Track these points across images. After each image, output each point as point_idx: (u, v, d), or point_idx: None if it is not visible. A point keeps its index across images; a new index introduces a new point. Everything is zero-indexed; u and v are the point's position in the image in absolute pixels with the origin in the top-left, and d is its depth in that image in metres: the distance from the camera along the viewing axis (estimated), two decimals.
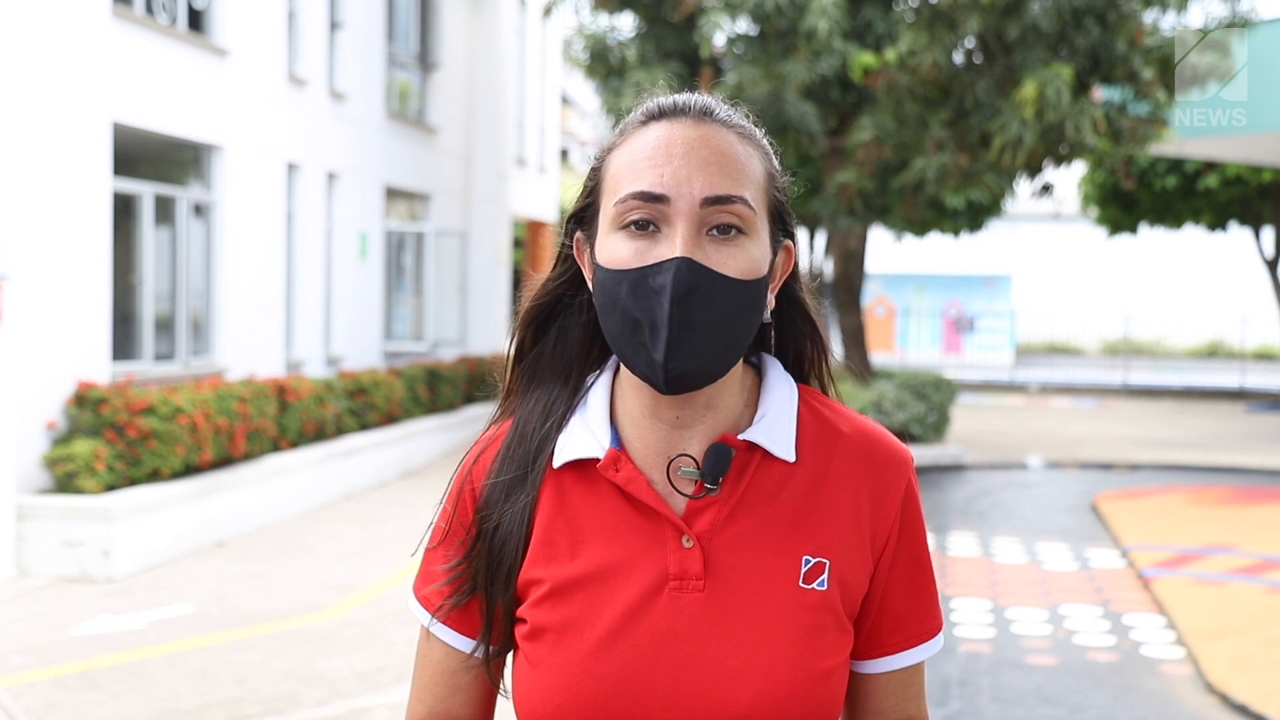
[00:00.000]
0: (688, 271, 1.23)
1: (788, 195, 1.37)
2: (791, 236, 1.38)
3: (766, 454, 1.33)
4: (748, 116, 1.37)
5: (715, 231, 1.26)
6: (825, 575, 1.31)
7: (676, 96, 1.33)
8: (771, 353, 1.42)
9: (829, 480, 1.34)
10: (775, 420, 1.34)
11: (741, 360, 1.37)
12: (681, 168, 1.26)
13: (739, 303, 1.26)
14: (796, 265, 1.39)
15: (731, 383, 1.34)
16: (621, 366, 1.36)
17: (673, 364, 1.24)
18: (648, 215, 1.26)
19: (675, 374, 1.25)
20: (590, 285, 1.34)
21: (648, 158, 1.28)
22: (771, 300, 1.34)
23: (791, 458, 1.33)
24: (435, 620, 1.39)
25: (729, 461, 1.31)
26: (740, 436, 1.32)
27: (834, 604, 1.31)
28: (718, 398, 1.33)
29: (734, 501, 1.31)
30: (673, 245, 1.25)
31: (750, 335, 1.30)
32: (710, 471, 1.30)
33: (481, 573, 1.35)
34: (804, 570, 1.30)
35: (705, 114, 1.31)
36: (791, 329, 1.42)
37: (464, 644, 1.39)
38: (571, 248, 1.38)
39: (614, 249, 1.28)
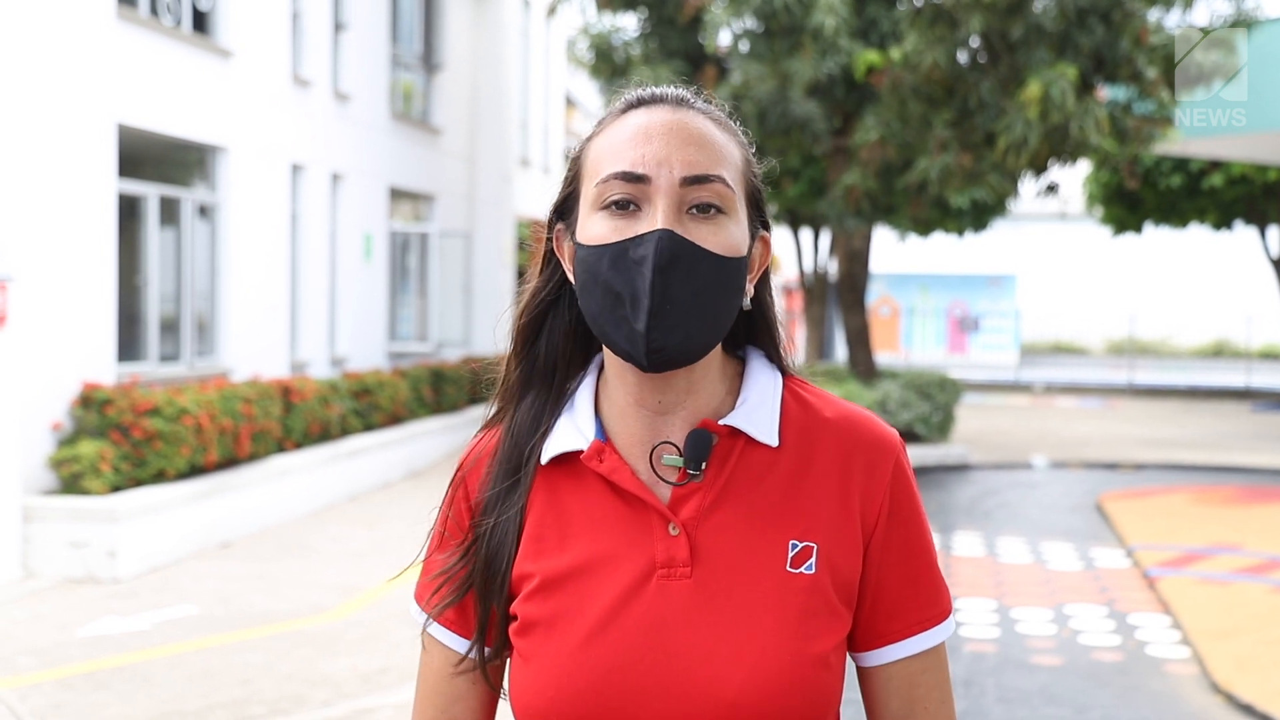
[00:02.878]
0: (669, 242, 1.24)
1: (764, 185, 1.37)
2: (768, 228, 1.38)
3: (750, 440, 1.32)
4: (724, 110, 1.38)
5: (695, 210, 1.27)
6: (813, 559, 1.29)
7: (654, 88, 1.35)
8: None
9: (814, 464, 1.33)
10: (757, 406, 1.33)
11: (725, 352, 1.37)
12: (661, 148, 1.27)
13: (719, 279, 1.26)
14: (768, 267, 1.38)
15: (713, 369, 1.34)
16: (605, 363, 1.36)
17: (654, 335, 1.24)
18: (628, 195, 1.27)
19: (656, 346, 1.24)
20: (570, 274, 1.33)
21: (627, 140, 1.29)
22: (750, 289, 1.34)
23: (774, 442, 1.32)
24: (432, 621, 1.39)
25: (709, 447, 1.31)
26: (721, 422, 1.31)
27: (824, 587, 1.29)
28: (699, 382, 1.32)
29: (718, 488, 1.30)
30: (654, 220, 1.25)
31: (731, 316, 1.30)
32: (691, 457, 1.30)
33: (477, 575, 1.35)
34: (791, 554, 1.29)
35: (682, 102, 1.33)
36: (754, 331, 1.41)
37: (460, 644, 1.38)
38: (553, 241, 1.37)
39: (594, 227, 1.28)
